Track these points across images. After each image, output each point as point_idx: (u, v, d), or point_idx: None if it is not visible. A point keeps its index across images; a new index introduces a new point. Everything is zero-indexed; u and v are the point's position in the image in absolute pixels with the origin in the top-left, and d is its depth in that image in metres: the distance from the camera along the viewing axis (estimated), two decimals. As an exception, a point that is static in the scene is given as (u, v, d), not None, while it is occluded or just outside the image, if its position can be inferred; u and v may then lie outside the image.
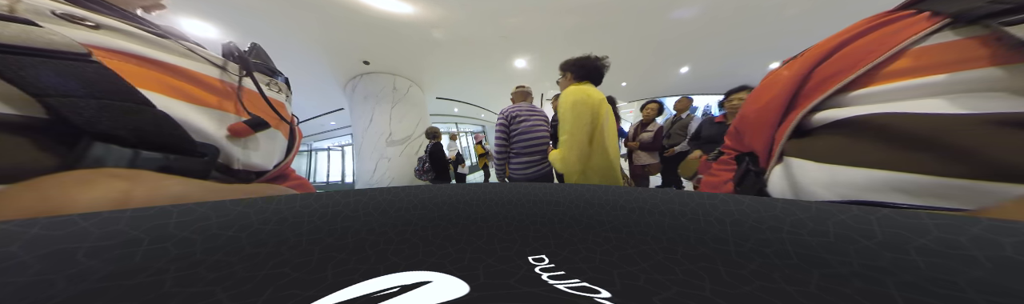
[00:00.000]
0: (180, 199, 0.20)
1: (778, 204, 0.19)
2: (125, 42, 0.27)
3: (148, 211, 0.17)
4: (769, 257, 0.18)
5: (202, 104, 0.31)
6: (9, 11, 0.22)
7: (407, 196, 0.28)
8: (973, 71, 0.23)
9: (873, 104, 0.28)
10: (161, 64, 0.29)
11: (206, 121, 0.31)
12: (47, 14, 0.23)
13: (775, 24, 3.51)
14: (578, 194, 0.30)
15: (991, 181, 0.21)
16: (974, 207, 0.21)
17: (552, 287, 0.16)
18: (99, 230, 0.15)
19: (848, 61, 0.31)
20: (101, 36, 0.26)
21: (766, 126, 0.38)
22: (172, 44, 0.32)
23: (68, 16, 0.24)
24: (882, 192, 0.26)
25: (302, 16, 2.89)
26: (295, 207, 0.22)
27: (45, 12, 0.23)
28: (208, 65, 0.35)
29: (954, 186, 0.22)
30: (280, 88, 0.48)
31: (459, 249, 0.22)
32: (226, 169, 0.33)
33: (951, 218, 0.14)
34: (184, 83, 0.31)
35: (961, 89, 0.24)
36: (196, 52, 0.35)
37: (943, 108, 0.24)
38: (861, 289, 0.14)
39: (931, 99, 0.25)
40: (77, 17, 0.25)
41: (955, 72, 0.24)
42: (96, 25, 0.26)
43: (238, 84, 0.37)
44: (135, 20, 0.32)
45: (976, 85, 0.23)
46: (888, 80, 0.27)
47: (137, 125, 0.23)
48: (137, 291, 0.14)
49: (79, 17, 0.25)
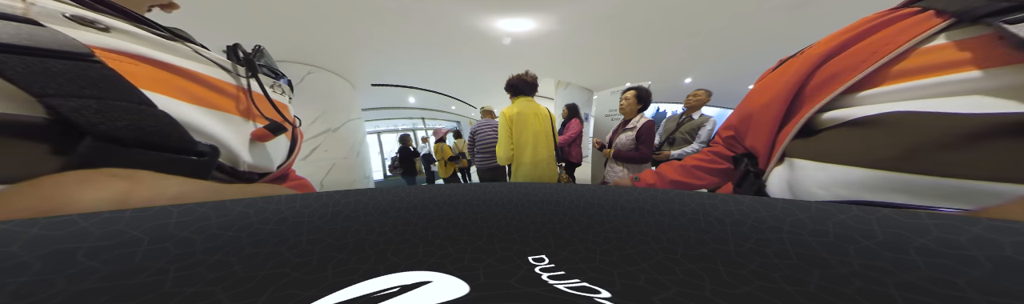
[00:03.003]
0: (180, 199, 0.20)
1: (778, 204, 0.19)
2: (134, 44, 0.27)
3: (148, 211, 0.17)
4: (769, 257, 0.18)
5: (208, 106, 0.32)
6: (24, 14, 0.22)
7: (407, 196, 0.28)
8: (983, 71, 0.23)
9: (885, 103, 0.28)
10: (169, 66, 0.30)
11: (212, 122, 0.31)
12: (58, 16, 0.24)
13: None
14: (578, 194, 0.30)
15: (991, 181, 0.21)
16: (974, 207, 0.21)
17: (552, 287, 0.16)
18: (99, 230, 0.15)
19: (854, 60, 0.30)
20: (110, 39, 0.26)
21: (768, 126, 0.38)
22: (180, 46, 0.32)
23: (79, 18, 0.25)
24: (884, 192, 0.25)
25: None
26: (295, 207, 0.22)
27: (56, 14, 0.24)
28: (215, 67, 0.35)
29: (955, 186, 0.22)
30: (283, 90, 0.49)
31: (459, 249, 0.22)
32: (231, 170, 0.33)
33: (951, 218, 0.14)
34: (191, 85, 0.31)
35: (971, 89, 0.23)
36: (203, 54, 0.35)
37: (955, 108, 0.23)
38: (861, 289, 0.14)
39: (943, 99, 0.24)
40: (87, 20, 0.25)
41: (965, 72, 0.23)
42: (106, 28, 0.26)
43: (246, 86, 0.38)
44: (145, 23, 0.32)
45: (986, 85, 0.23)
46: (898, 79, 0.27)
47: (138, 125, 0.23)
48: (137, 291, 0.14)
49: (90, 20, 0.25)
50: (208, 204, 0.19)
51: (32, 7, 0.23)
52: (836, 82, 0.31)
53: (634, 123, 1.70)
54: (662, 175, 0.67)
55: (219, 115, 0.32)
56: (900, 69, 0.27)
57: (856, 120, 0.29)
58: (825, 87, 0.32)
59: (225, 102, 0.34)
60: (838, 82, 0.31)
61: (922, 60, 0.26)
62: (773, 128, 0.37)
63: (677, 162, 0.68)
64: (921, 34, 0.26)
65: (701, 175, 0.62)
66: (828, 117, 0.32)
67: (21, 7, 0.22)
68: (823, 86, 0.32)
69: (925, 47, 0.26)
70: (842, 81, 0.30)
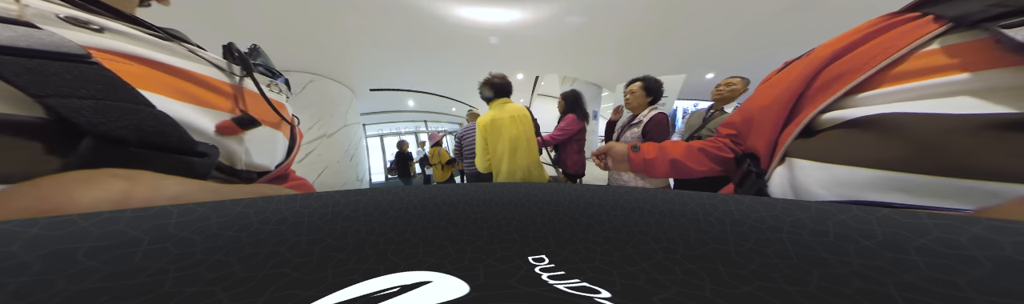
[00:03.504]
0: (180, 199, 0.20)
1: (778, 204, 0.19)
2: (130, 45, 0.27)
3: (148, 211, 0.17)
4: (769, 257, 0.18)
5: (205, 105, 0.32)
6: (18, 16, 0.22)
7: (407, 196, 0.28)
8: (977, 73, 0.23)
9: (883, 104, 0.28)
10: (165, 66, 0.30)
11: (210, 122, 0.31)
12: (53, 18, 0.24)
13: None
14: (578, 194, 0.30)
15: (991, 181, 0.21)
16: (974, 207, 0.22)
17: (552, 287, 0.16)
18: (99, 230, 0.15)
19: (856, 62, 0.31)
20: (105, 39, 0.26)
21: (770, 127, 0.38)
22: (175, 46, 0.33)
23: (73, 19, 0.25)
24: (885, 192, 0.26)
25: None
26: (295, 207, 0.22)
27: (50, 16, 0.24)
28: (210, 67, 0.35)
29: (955, 186, 0.22)
30: (280, 89, 0.49)
31: (459, 249, 0.22)
32: (230, 169, 0.33)
33: (951, 218, 0.14)
34: (187, 84, 0.31)
35: (965, 90, 0.24)
36: (198, 54, 0.35)
37: (949, 109, 0.24)
38: (861, 289, 0.14)
39: (937, 100, 0.25)
40: (82, 21, 0.25)
41: (959, 74, 0.24)
42: (100, 28, 0.26)
43: (240, 85, 0.38)
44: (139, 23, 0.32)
45: (980, 87, 0.23)
46: (896, 82, 0.28)
47: (137, 125, 0.23)
48: (137, 291, 0.14)
49: (83, 21, 0.25)
50: (208, 204, 0.19)
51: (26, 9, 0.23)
52: (839, 84, 0.31)
53: (641, 117, 1.42)
54: (665, 150, 0.62)
55: (214, 114, 0.32)
56: (899, 71, 0.28)
57: (855, 120, 0.30)
58: (828, 88, 0.32)
59: (222, 101, 0.34)
60: (841, 84, 0.31)
61: (920, 63, 0.27)
62: (776, 128, 0.37)
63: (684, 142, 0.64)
64: (920, 38, 0.27)
65: (704, 160, 0.59)
66: (829, 117, 0.32)
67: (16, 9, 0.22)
68: (826, 87, 0.33)
69: (924, 51, 0.27)
70: (845, 83, 0.31)
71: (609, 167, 0.72)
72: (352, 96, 4.20)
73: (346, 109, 4.00)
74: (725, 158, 0.57)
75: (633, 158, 0.65)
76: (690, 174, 0.61)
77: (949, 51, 0.26)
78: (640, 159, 0.64)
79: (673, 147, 0.63)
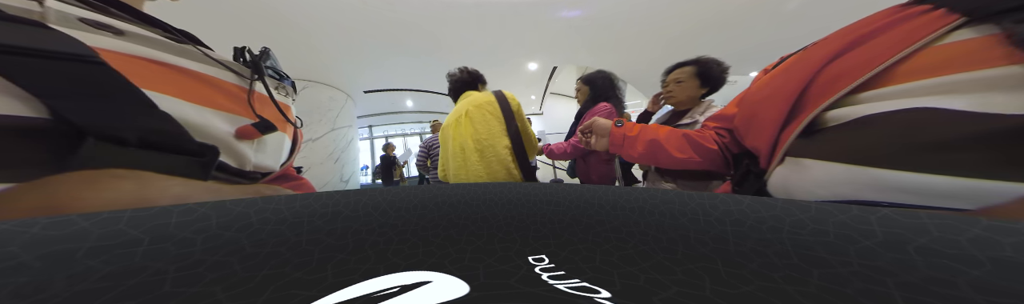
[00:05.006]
0: (181, 199, 0.20)
1: (778, 204, 0.19)
2: (147, 48, 0.28)
3: (148, 211, 0.17)
4: (769, 257, 0.18)
5: (216, 107, 0.32)
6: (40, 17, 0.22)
7: (407, 196, 0.28)
8: (990, 70, 0.23)
9: (890, 101, 0.27)
10: (179, 69, 0.30)
11: (219, 123, 0.31)
12: (73, 20, 0.24)
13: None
14: (578, 194, 0.30)
15: (992, 180, 0.21)
16: (974, 207, 0.21)
17: (552, 287, 0.16)
18: (99, 230, 0.15)
19: (863, 58, 0.30)
20: (123, 42, 0.26)
21: (770, 125, 0.37)
22: (190, 49, 0.33)
23: (92, 22, 0.25)
24: (886, 191, 0.25)
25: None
26: (295, 207, 0.22)
27: (71, 18, 0.24)
28: (222, 69, 0.36)
29: (956, 185, 0.22)
30: (287, 92, 0.49)
31: (459, 249, 0.22)
32: (238, 170, 0.34)
33: (951, 218, 0.14)
34: (198, 86, 0.32)
35: (978, 87, 0.23)
36: (211, 57, 0.36)
37: (957, 106, 0.23)
38: (861, 289, 0.14)
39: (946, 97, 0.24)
40: (101, 23, 0.25)
41: (973, 70, 0.23)
42: (120, 31, 0.26)
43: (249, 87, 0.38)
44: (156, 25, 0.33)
45: (993, 84, 0.23)
46: (905, 78, 0.27)
47: (140, 126, 0.23)
48: (137, 291, 0.14)
49: (103, 23, 0.26)
50: (208, 204, 0.19)
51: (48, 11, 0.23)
52: (844, 81, 0.30)
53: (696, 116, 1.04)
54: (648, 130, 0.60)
55: (225, 116, 0.33)
56: (908, 68, 0.27)
57: (861, 119, 0.29)
58: (832, 86, 0.31)
59: (231, 103, 0.34)
60: (846, 81, 0.30)
61: (931, 59, 0.26)
62: (776, 128, 0.37)
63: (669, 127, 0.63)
64: (931, 33, 0.26)
65: (685, 147, 0.56)
66: (832, 116, 0.31)
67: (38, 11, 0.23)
68: (830, 85, 0.32)
69: (935, 46, 0.26)
70: (851, 79, 0.30)
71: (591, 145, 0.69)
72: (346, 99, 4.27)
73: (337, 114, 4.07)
74: (708, 148, 0.55)
75: (614, 132, 0.63)
76: (665, 160, 0.58)
77: (961, 46, 0.25)
78: (621, 134, 0.62)
79: (658, 129, 0.61)
